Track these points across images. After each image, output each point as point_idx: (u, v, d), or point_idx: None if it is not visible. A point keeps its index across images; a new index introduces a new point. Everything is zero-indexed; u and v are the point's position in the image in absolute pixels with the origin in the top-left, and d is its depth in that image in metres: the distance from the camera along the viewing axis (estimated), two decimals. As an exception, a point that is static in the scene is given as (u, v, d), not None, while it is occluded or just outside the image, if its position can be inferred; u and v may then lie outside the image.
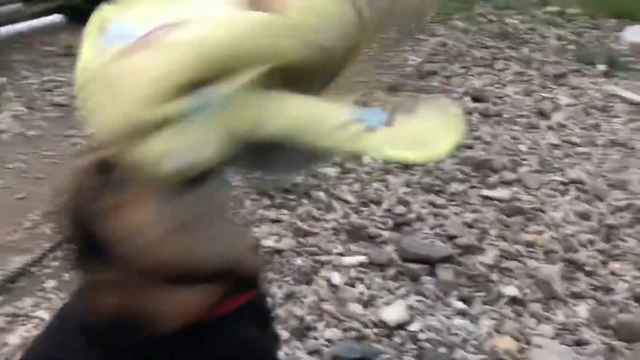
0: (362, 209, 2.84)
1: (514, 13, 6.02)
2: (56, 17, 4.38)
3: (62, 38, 4.65)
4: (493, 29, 5.59)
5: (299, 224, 2.62)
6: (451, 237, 2.58)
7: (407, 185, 3.06)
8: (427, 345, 1.99)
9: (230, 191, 1.49)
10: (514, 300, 2.25)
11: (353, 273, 2.35)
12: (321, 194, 2.87)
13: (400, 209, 2.83)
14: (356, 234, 2.64)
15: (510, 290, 2.29)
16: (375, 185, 3.04)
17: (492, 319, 2.16)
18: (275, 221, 2.66)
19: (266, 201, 2.79)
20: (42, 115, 3.49)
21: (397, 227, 2.71)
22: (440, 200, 2.92)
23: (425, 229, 2.68)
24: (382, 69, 4.84)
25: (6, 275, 2.21)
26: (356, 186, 3.03)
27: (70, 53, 4.37)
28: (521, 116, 3.89)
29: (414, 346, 2.00)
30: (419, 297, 2.22)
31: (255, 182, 2.91)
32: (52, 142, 3.23)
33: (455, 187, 3.02)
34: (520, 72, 4.63)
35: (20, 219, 2.57)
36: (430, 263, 2.37)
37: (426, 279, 2.31)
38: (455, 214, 2.80)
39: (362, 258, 2.44)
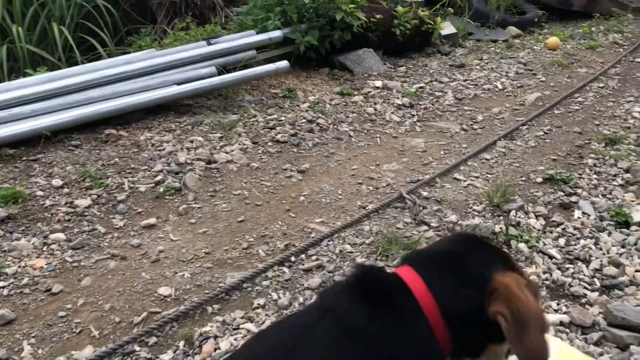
0: (567, 265, 2.68)
1: None
2: (282, 63, 4.87)
3: (285, 81, 5.16)
4: None
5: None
6: (671, 308, 2.31)
7: (622, 245, 2.82)
8: (633, 422, 1.80)
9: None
10: None
11: (551, 331, 2.22)
12: (522, 246, 2.77)
13: (612, 270, 2.62)
14: (558, 292, 2.50)
15: None
16: (583, 242, 2.86)
17: None
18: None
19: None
20: (264, 149, 3.88)
21: (606, 289, 2.51)
22: (660, 266, 2.64)
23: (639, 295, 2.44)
24: (600, 120, 4.55)
25: (223, 288, 2.48)
26: (562, 241, 2.87)
27: (291, 95, 4.82)
28: None
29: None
30: (627, 368, 2.02)
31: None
32: (270, 174, 3.57)
33: (680, 252, 2.71)
34: None
35: (239, 239, 2.88)
36: (643, 332, 2.15)
37: (636, 349, 2.09)
38: (678, 282, 2.50)
39: (563, 317, 2.30)
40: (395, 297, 1.34)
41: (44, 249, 2.77)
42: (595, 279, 2.59)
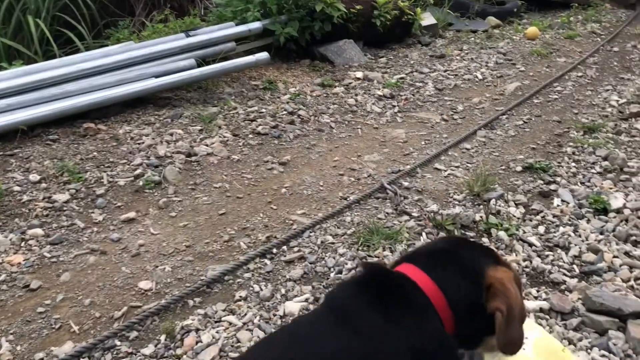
0: (547, 253, 2.70)
1: None
2: (262, 55, 4.83)
3: (266, 73, 5.13)
4: None
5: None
6: (648, 292, 2.35)
7: (601, 232, 2.86)
8: (611, 405, 1.83)
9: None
10: None
11: (531, 318, 2.24)
12: (502, 234, 2.79)
13: (590, 256, 2.65)
14: (538, 279, 2.52)
15: None
16: (563, 229, 2.89)
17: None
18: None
19: (443, 235, 2.79)
20: (245, 141, 3.86)
21: (585, 275, 2.54)
22: (637, 252, 2.67)
23: (618, 281, 2.47)
24: (579, 108, 4.59)
25: (204, 281, 2.47)
26: (541, 229, 2.90)
27: (272, 87, 4.80)
28: None
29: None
30: (605, 352, 2.04)
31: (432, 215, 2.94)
32: (251, 166, 3.56)
33: (656, 238, 2.75)
34: None
35: (220, 232, 2.87)
36: (621, 317, 2.18)
37: (614, 333, 2.12)
38: (655, 267, 2.54)
39: (543, 304, 2.32)
40: (407, 293, 1.38)
41: (22, 244, 2.73)
42: (575, 266, 2.61)
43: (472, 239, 2.04)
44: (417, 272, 1.42)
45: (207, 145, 3.74)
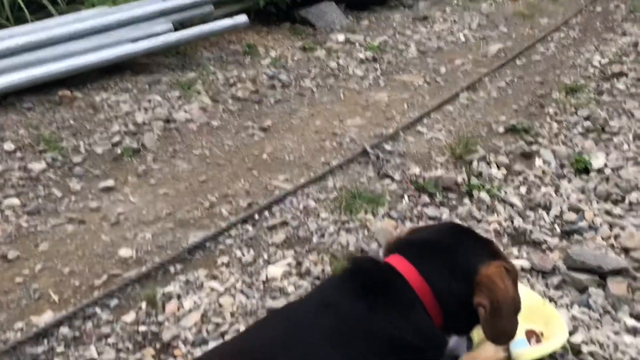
0: (528, 213, 2.71)
1: None
2: (241, 18, 4.72)
3: (245, 37, 5.03)
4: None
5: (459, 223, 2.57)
6: (627, 250, 2.37)
7: (582, 191, 2.86)
8: (590, 359, 1.85)
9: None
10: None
11: (513, 277, 2.25)
12: (484, 195, 2.79)
13: (571, 216, 2.66)
14: (519, 239, 2.53)
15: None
16: (544, 189, 2.89)
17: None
18: (434, 219, 2.63)
19: (425, 198, 2.78)
20: (225, 107, 3.80)
21: (566, 234, 2.55)
22: (617, 210, 2.69)
23: (598, 239, 2.48)
24: (561, 69, 4.57)
25: (185, 248, 2.45)
26: (523, 189, 2.90)
27: (252, 52, 4.72)
28: None
29: (575, 358, 1.87)
30: (585, 309, 2.06)
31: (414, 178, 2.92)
32: (231, 132, 3.51)
33: (635, 196, 2.76)
34: None
35: (201, 199, 2.83)
36: (600, 274, 2.19)
37: (594, 290, 2.13)
38: (635, 225, 2.55)
39: (524, 263, 2.33)
40: (393, 286, 1.40)
41: (-2, 215, 2.68)
42: (556, 225, 2.62)
43: (469, 227, 2.03)
44: (405, 264, 1.43)
45: (186, 112, 3.68)
